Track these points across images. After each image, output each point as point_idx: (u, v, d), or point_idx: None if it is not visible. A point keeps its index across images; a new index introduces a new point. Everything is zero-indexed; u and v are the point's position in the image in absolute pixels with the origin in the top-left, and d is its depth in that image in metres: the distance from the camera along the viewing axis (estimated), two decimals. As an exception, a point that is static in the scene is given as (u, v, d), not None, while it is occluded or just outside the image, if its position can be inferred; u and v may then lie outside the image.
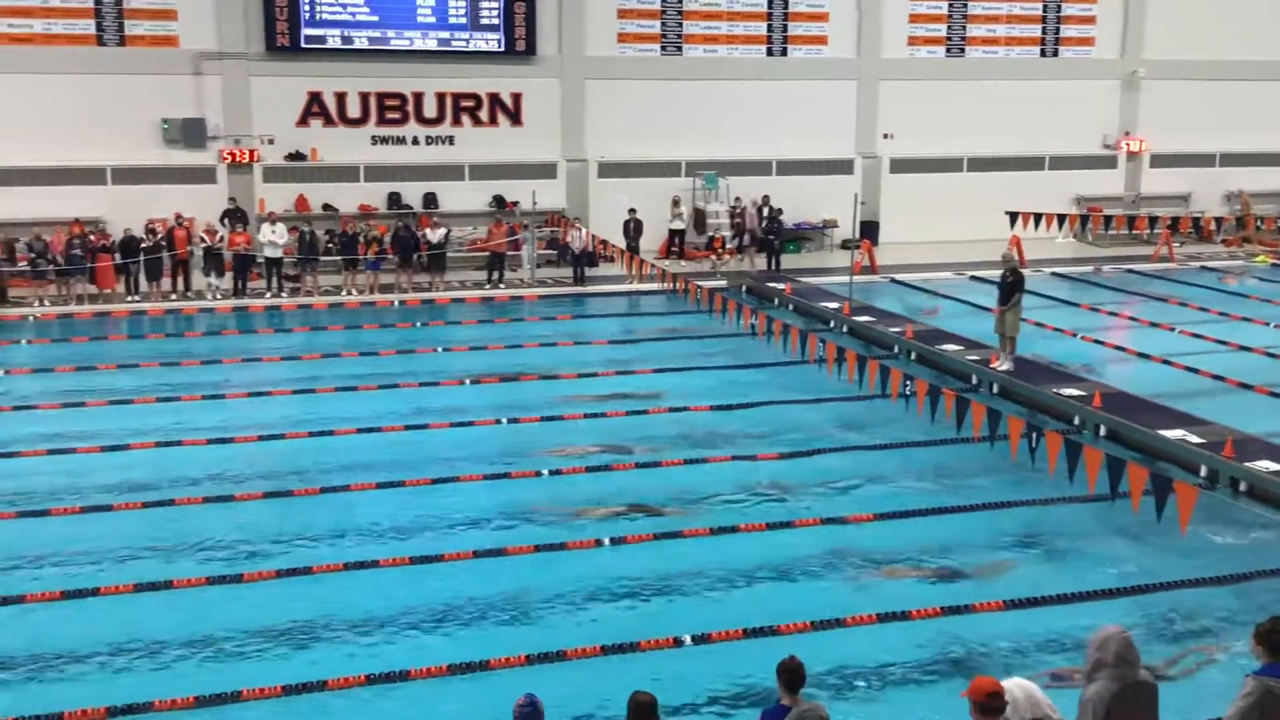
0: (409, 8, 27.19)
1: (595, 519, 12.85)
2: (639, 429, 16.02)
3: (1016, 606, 10.81)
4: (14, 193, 24.79)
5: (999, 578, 11.57)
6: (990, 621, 10.56)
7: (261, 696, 9.19)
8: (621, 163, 28.71)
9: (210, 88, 26.31)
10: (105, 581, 11.13)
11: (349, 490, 13.47)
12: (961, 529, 12.70)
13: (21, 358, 19.78)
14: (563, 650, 9.87)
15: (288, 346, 20.60)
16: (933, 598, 10.97)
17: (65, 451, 14.73)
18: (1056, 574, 11.63)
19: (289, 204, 26.54)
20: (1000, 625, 10.48)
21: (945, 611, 10.68)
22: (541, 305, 24.24)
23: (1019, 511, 13.16)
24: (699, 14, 29.44)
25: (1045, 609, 10.77)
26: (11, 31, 25.11)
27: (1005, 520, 12.96)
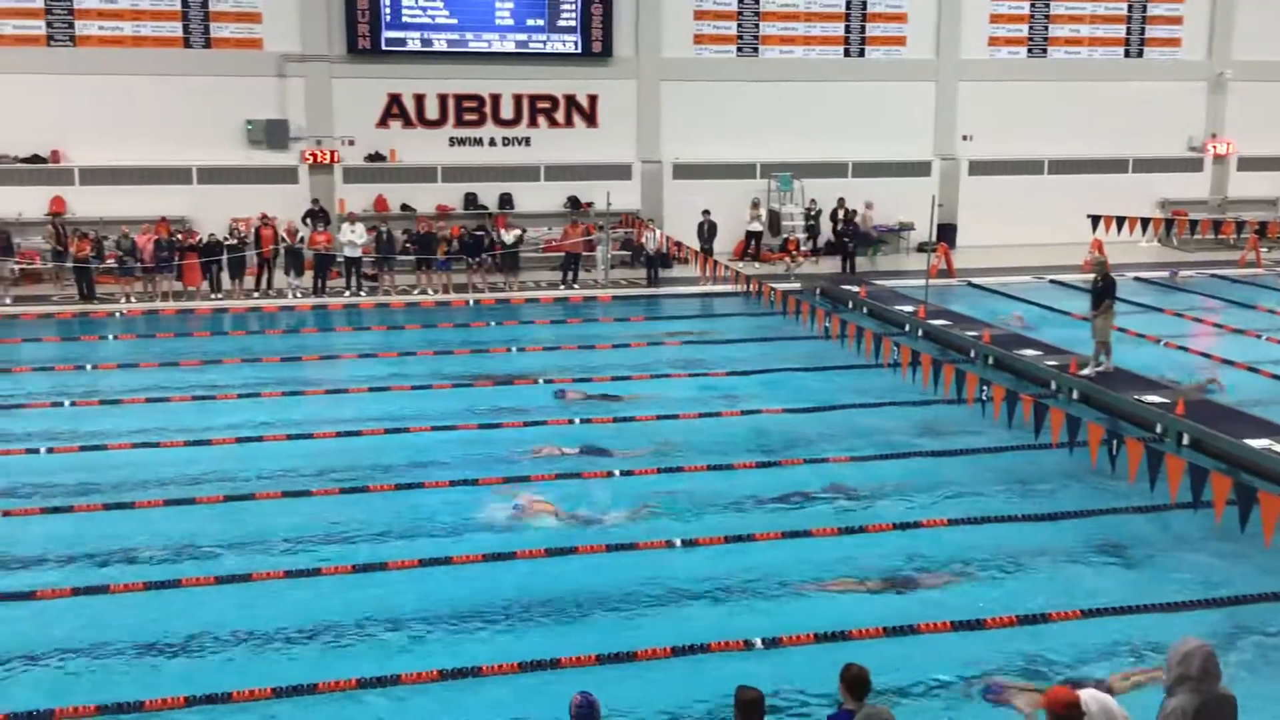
0: (488, 10, 27.44)
1: (667, 519, 12.85)
2: (711, 431, 16.00)
3: (1093, 615, 10.63)
4: (103, 191, 25.48)
5: (1074, 586, 11.36)
6: (1066, 631, 10.39)
7: (337, 689, 9.34)
8: (696, 164, 28.71)
9: (293, 89, 26.79)
10: (187, 574, 11.38)
11: (423, 487, 13.61)
12: (1038, 536, 12.50)
13: (108, 353, 20.28)
14: (634, 651, 9.89)
15: (365, 345, 20.87)
16: (1007, 605, 10.81)
17: (150, 445, 15.07)
18: (1134, 584, 11.40)
19: (368, 204, 26.92)
20: (1076, 635, 10.30)
21: (1020, 620, 10.53)
22: (615, 306, 24.31)
23: (1097, 520, 12.92)
24: (776, 15, 29.33)
25: (1123, 618, 10.57)
26: (102, 34, 25.79)
27: (1083, 528, 12.73)
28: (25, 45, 25.42)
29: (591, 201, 27.71)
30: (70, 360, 19.53)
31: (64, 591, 10.96)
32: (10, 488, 13.55)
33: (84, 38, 25.73)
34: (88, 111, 25.52)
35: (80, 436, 15.37)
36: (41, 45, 25.51)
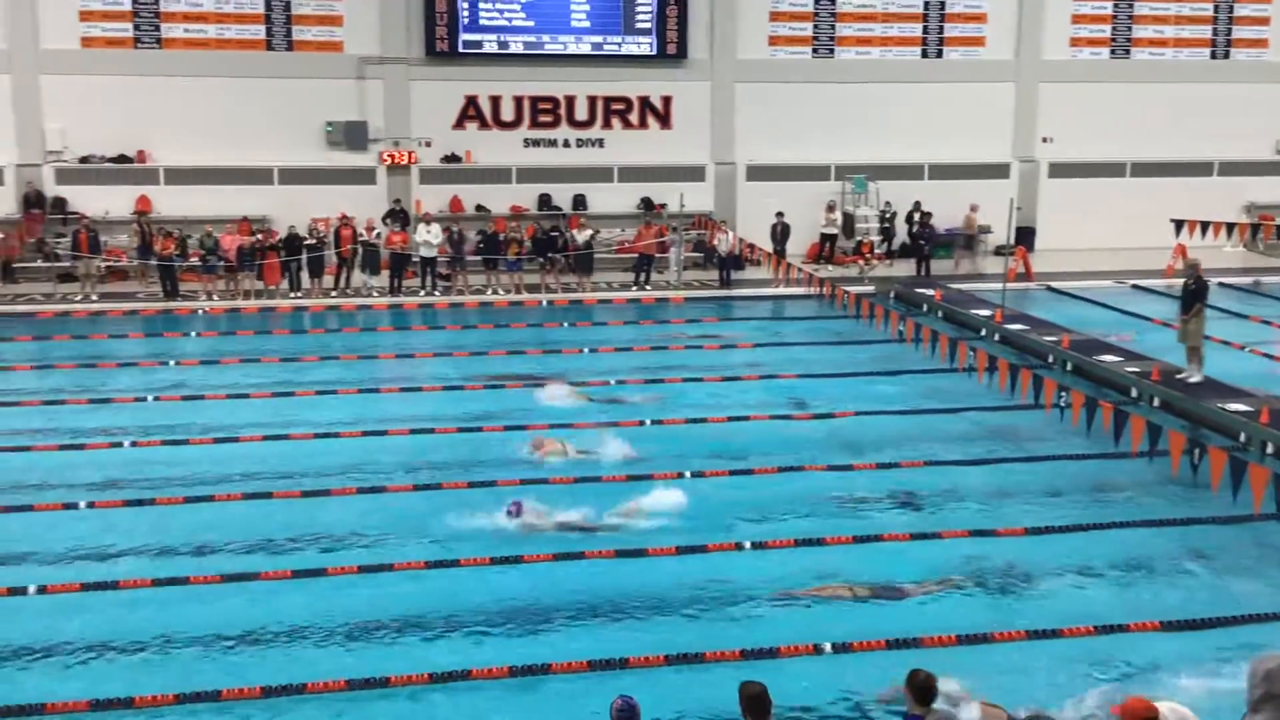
0: (563, 12, 27.59)
1: (738, 522, 12.81)
2: (783, 434, 15.92)
3: (1172, 628, 10.41)
4: (187, 191, 26.06)
5: (1153, 597, 11.14)
6: (1144, 642, 10.19)
7: (408, 683, 9.46)
8: (770, 166, 28.61)
9: (372, 91, 27.16)
10: (263, 567, 11.58)
11: (495, 485, 13.70)
12: (1116, 546, 12.26)
13: (191, 350, 20.70)
14: (701, 653, 9.88)
15: (439, 344, 21.06)
16: (1084, 615, 10.62)
17: (230, 440, 15.35)
18: (1215, 595, 11.14)
19: (444, 205, 27.20)
20: (1155, 646, 10.10)
21: (1097, 631, 10.34)
22: (687, 308, 24.29)
23: (1178, 530, 12.65)
24: (852, 16, 29.13)
25: (1203, 632, 10.34)
26: (187, 36, 26.37)
27: (1163, 538, 12.47)
28: (113, 47, 26.08)
29: (665, 203, 27.73)
30: (154, 356, 19.96)
31: (144, 582, 11.20)
32: (96, 480, 13.87)
33: (169, 40, 26.33)
34: (173, 112, 26.09)
35: (163, 431, 15.69)
36: (129, 48, 26.14)
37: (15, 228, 25.31)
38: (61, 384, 18.11)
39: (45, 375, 18.85)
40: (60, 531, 12.39)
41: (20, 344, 20.82)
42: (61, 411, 16.63)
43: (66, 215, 25.77)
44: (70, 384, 18.08)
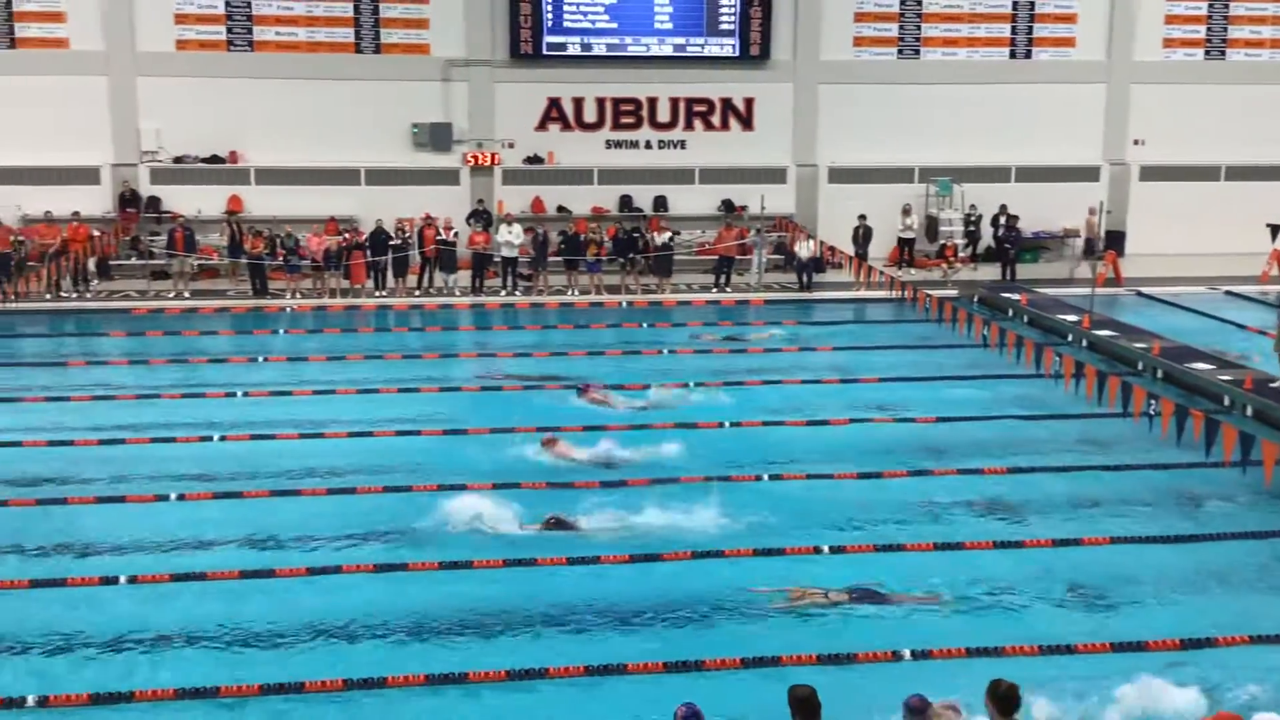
0: (647, 14, 27.65)
1: (816, 526, 12.73)
2: (863, 438, 15.79)
3: (1263, 642, 10.13)
4: (277, 191, 26.58)
5: (1244, 611, 10.85)
6: (1235, 656, 9.93)
7: (486, 679, 9.54)
8: (852, 168, 28.39)
9: (457, 93, 27.47)
10: (347, 560, 11.76)
11: (573, 487, 13.76)
12: (1205, 557, 11.97)
13: (279, 347, 21.10)
14: (778, 656, 9.84)
15: (519, 344, 21.21)
16: (1171, 628, 10.39)
17: (315, 436, 15.62)
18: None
19: (526, 206, 27.42)
20: (1245, 661, 9.84)
21: (1184, 645, 10.11)
22: (767, 310, 24.19)
23: (1271, 542, 12.32)
24: (939, 16, 28.80)
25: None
26: (278, 39, 26.91)
27: (1255, 550, 12.16)
28: (207, 50, 26.70)
29: (746, 205, 27.66)
30: (243, 353, 20.38)
31: (232, 573, 11.45)
32: (186, 473, 14.20)
33: (261, 43, 26.89)
34: (264, 114, 26.65)
35: (251, 426, 16.02)
36: (222, 50, 26.75)
37: (111, 226, 26.04)
38: (154, 379, 18.58)
39: (139, 370, 19.34)
40: (151, 522, 12.70)
41: (115, 339, 21.42)
42: (154, 405, 17.06)
43: (160, 214, 26.45)
44: (162, 379, 18.53)
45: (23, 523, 12.66)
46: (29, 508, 13.07)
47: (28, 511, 12.98)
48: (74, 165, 26.08)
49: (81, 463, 14.54)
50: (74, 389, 17.87)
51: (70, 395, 17.51)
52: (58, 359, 20.18)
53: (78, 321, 23.05)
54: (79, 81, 26.02)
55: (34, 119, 25.51)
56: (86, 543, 12.16)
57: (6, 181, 25.70)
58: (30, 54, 26.07)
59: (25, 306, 22.67)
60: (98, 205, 26.28)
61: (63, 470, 14.26)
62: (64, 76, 25.95)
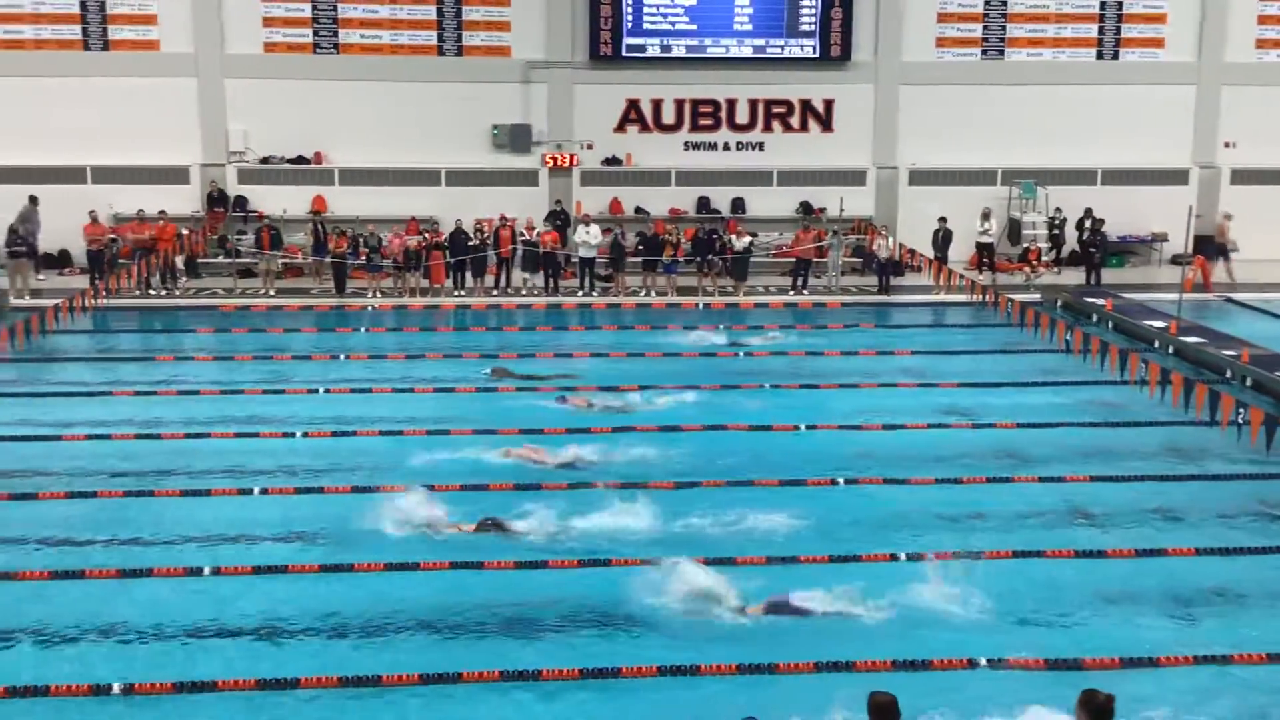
0: (727, 15, 27.63)
1: (893, 533, 12.61)
2: (941, 444, 15.61)
3: (1357, 662, 9.85)
4: (359, 191, 27.04)
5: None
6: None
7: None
8: (933, 170, 28.09)
9: (537, 95, 27.69)
10: (424, 558, 11.89)
11: (648, 487, 13.76)
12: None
13: (360, 345, 21.41)
14: (853, 662, 9.77)
15: (596, 344, 21.29)
16: (1258, 642, 10.13)
17: (394, 434, 15.83)
18: None
19: (604, 207, 27.54)
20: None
21: (1271, 659, 9.84)
22: (844, 313, 24.02)
23: (1365, 558, 11.97)
24: (1024, 16, 28.39)
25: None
26: (363, 42, 27.34)
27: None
28: (294, 53, 27.21)
29: (824, 207, 27.51)
30: (326, 350, 20.71)
31: (312, 567, 11.64)
32: (270, 468, 14.47)
33: (346, 45, 27.33)
34: (348, 115, 27.10)
35: (332, 422, 16.27)
36: (308, 53, 27.24)
37: (200, 225, 26.65)
38: (239, 375, 18.97)
39: (224, 366, 19.76)
40: (235, 515, 12.96)
41: (203, 336, 21.90)
42: (239, 401, 17.41)
43: (246, 214, 27.02)
44: (247, 375, 18.91)
45: (112, 513, 13.00)
46: (118, 499, 13.41)
47: (116, 502, 13.32)
48: (164, 165, 26.76)
49: (168, 456, 14.88)
50: (162, 383, 18.31)
51: (158, 390, 17.95)
52: (147, 354, 20.67)
53: (166, 318, 23.62)
54: (170, 83, 26.69)
55: (127, 120, 26.25)
56: (172, 534, 12.45)
57: (100, 180, 26.47)
58: (123, 56, 26.79)
59: (116, 303, 23.26)
60: (187, 204, 26.92)
61: (150, 463, 14.59)
62: (155, 78, 26.65)
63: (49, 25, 26.68)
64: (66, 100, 26.20)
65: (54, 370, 19.24)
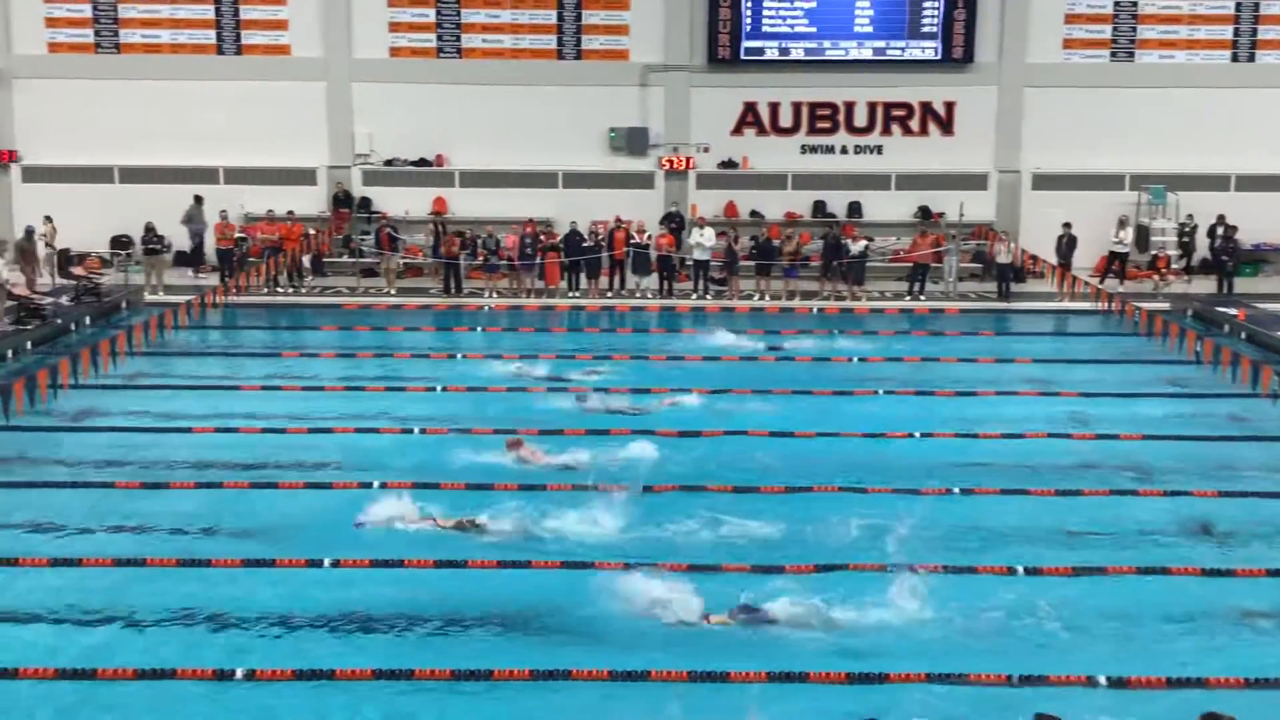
0: (847, 18, 27.39)
1: (1011, 545, 12.35)
2: (1059, 453, 15.25)
3: None
4: (479, 193, 27.47)
5: None
6: None
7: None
8: (1057, 174, 27.44)
9: (654, 98, 27.80)
10: (535, 556, 12.02)
11: (758, 491, 13.71)
12: None
13: (476, 344, 21.74)
14: (965, 674, 9.60)
15: (708, 348, 21.25)
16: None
17: (508, 431, 16.00)
18: None
19: (719, 210, 27.53)
20: None
21: None
22: (962, 320, 23.63)
23: None
24: (1155, 18, 27.57)
25: None
26: (485, 47, 27.77)
27: None
28: (418, 57, 27.77)
29: (943, 212, 27.09)
30: (443, 349, 21.08)
31: (427, 562, 11.85)
32: (388, 464, 14.75)
33: (469, 50, 27.80)
34: (469, 118, 27.56)
35: (447, 420, 16.54)
36: (432, 57, 27.77)
37: (325, 225, 27.37)
38: (360, 371, 19.41)
39: (347, 363, 20.24)
40: (355, 510, 13.23)
41: (326, 333, 22.48)
42: (359, 398, 17.82)
43: (370, 214, 27.65)
44: (368, 372, 19.35)
45: (237, 505, 13.41)
46: (243, 490, 13.83)
47: (242, 494, 13.73)
48: (292, 166, 27.54)
49: (291, 450, 15.30)
50: (287, 379, 18.85)
51: (283, 385, 18.48)
52: (273, 350, 21.29)
53: (292, 315, 24.32)
54: (299, 87, 27.47)
55: (257, 122, 27.10)
56: (294, 526, 12.78)
57: (232, 181, 27.36)
58: (255, 60, 27.65)
59: (244, 300, 24.03)
60: (313, 205, 27.67)
61: (274, 456, 15.02)
62: (285, 82, 27.45)
63: (185, 30, 27.67)
64: (200, 103, 27.14)
65: (184, 364, 19.92)
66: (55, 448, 15.45)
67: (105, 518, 12.95)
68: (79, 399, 17.34)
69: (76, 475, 14.34)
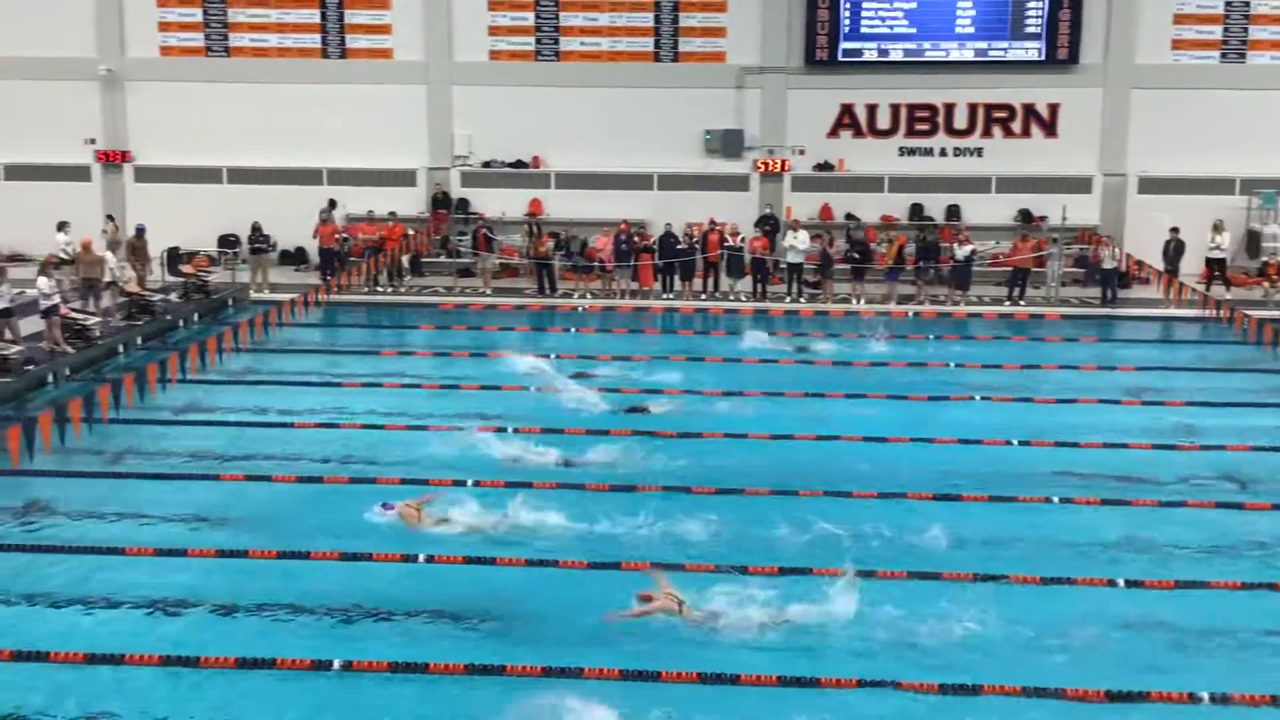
0: (948, 18, 27.04)
1: (1113, 556, 12.09)
2: (1163, 465, 14.87)
3: None
4: (574, 195, 27.68)
5: None
6: None
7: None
8: (1165, 178, 26.75)
9: (750, 101, 27.74)
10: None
11: (851, 497, 13.60)
12: None
13: (569, 344, 21.84)
14: (1062, 689, 9.42)
15: (801, 352, 21.11)
16: None
17: (600, 433, 16.09)
18: None
19: (814, 212, 27.37)
20: None
21: None
22: (1064, 325, 23.16)
23: None
24: (1268, 18, 26.78)
25: None
26: (583, 49, 27.97)
27: None
28: (517, 60, 28.07)
29: (1044, 215, 26.59)
30: (537, 349, 21.06)
31: (520, 561, 11.97)
32: (482, 463, 14.90)
33: (567, 53, 28.02)
34: (566, 121, 27.78)
35: (541, 420, 16.68)
36: (530, 60, 28.05)
37: (424, 226, 27.81)
38: (455, 370, 19.64)
39: (442, 362, 20.49)
40: (450, 505, 13.40)
41: (423, 332, 22.83)
42: (454, 396, 18.07)
43: (468, 215, 28.03)
44: (461, 371, 19.56)
45: (338, 499, 13.68)
46: (342, 485, 14.11)
47: (341, 489, 14.01)
48: (394, 168, 28.03)
49: (389, 446, 15.57)
50: (385, 376, 19.18)
51: (383, 382, 18.81)
52: (373, 348, 21.67)
53: (390, 314, 24.75)
54: (401, 90, 27.96)
55: (360, 124, 27.64)
56: (390, 522, 12.97)
57: (335, 182, 27.95)
58: (359, 64, 28.21)
59: (345, 298, 24.52)
60: (413, 206, 28.13)
61: (372, 452, 15.29)
62: (387, 85, 27.96)
63: (292, 34, 28.33)
64: (305, 105, 27.77)
65: (288, 361, 20.38)
66: (162, 441, 15.93)
67: (209, 510, 13.31)
68: (186, 393, 17.87)
69: (181, 468, 14.77)
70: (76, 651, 10.03)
